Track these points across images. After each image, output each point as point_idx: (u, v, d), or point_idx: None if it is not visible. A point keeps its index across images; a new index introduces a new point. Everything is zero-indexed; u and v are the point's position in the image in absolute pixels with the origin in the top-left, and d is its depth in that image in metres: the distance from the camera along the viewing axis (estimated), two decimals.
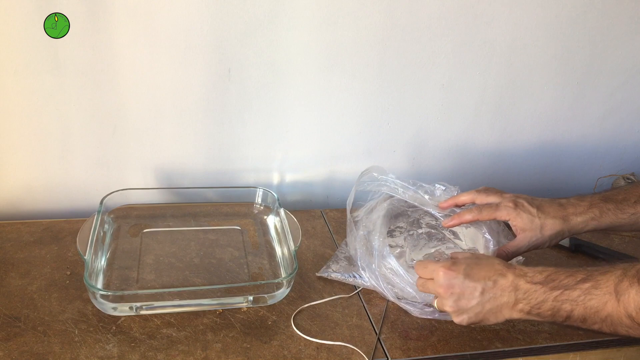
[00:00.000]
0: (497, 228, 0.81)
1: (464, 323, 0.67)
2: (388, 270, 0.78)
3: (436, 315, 0.77)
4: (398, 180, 0.84)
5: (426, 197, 0.83)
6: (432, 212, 0.84)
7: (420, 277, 0.71)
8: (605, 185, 1.18)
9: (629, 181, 1.14)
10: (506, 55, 1.06)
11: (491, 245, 0.78)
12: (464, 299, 0.66)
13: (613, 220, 0.76)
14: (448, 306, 0.67)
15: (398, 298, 0.78)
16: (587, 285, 0.61)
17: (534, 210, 0.75)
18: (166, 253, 0.87)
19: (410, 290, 0.76)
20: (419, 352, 0.73)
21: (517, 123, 1.14)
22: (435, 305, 0.70)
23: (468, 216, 0.78)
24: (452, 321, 0.77)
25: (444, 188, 0.84)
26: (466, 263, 0.67)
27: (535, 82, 1.10)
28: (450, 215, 0.81)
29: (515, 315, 0.65)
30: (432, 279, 0.68)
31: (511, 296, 0.65)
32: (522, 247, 0.76)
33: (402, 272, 0.76)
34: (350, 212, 0.85)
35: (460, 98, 1.08)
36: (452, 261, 0.68)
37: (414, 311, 0.77)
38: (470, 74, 1.06)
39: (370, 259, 0.79)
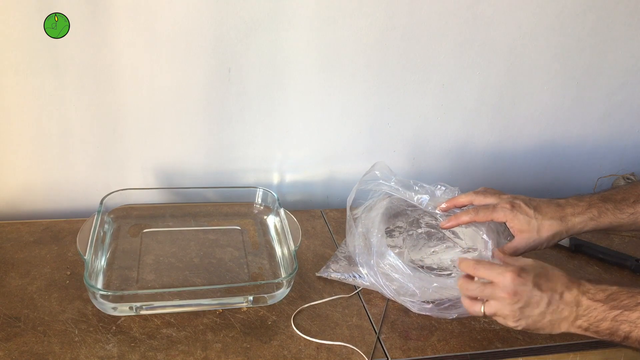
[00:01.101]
0: (496, 228, 0.81)
1: (519, 328, 0.66)
2: (387, 267, 0.78)
3: (435, 313, 0.77)
4: (399, 180, 0.84)
5: (426, 197, 0.83)
6: (432, 212, 0.84)
7: (469, 277, 0.69)
8: (605, 185, 1.18)
9: (629, 181, 1.14)
10: (506, 55, 1.06)
11: (489, 247, 0.78)
12: (529, 308, 0.65)
13: (612, 220, 0.76)
14: (508, 311, 0.65)
15: (397, 294, 0.78)
16: None
17: (531, 212, 0.75)
18: (166, 253, 0.87)
19: (410, 285, 0.76)
20: (419, 352, 0.73)
21: (517, 123, 1.14)
22: (483, 310, 0.67)
23: (465, 217, 0.78)
24: (451, 321, 0.78)
25: (444, 189, 0.84)
26: (535, 272, 0.66)
27: (535, 82, 1.10)
28: (449, 217, 0.81)
29: (573, 330, 0.65)
30: (492, 282, 0.66)
31: (572, 311, 0.64)
32: (520, 249, 0.76)
33: (401, 267, 0.76)
34: (350, 211, 0.85)
35: (460, 98, 1.08)
36: (521, 268, 0.66)
37: (413, 307, 0.77)
38: (470, 74, 1.06)
39: (369, 256, 0.79)
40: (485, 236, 0.79)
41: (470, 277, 0.69)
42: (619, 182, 1.15)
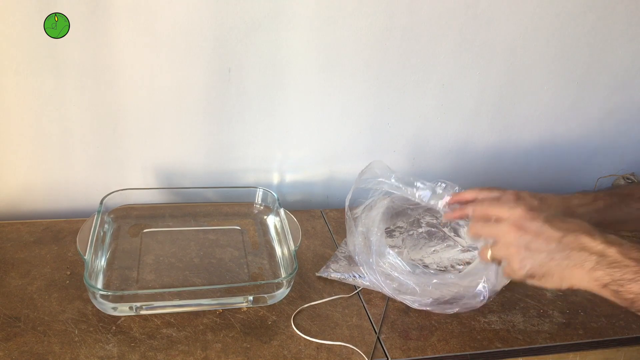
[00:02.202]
0: None
1: (522, 272, 0.61)
2: (387, 265, 0.78)
3: (436, 308, 0.77)
4: (399, 177, 0.84)
5: (428, 192, 0.83)
6: (433, 208, 0.83)
7: (479, 218, 0.65)
8: (605, 185, 1.18)
9: (629, 181, 1.14)
10: (506, 55, 1.06)
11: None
12: (535, 243, 0.59)
13: (618, 214, 0.73)
14: (514, 248, 0.61)
15: (397, 292, 0.78)
16: None
17: (535, 202, 0.70)
18: (166, 253, 0.87)
19: (410, 282, 0.76)
20: (419, 352, 0.73)
21: (517, 123, 1.14)
22: (489, 255, 0.64)
23: (469, 209, 0.76)
24: (452, 321, 0.78)
25: (444, 185, 0.84)
26: (549, 212, 0.61)
27: (535, 82, 1.10)
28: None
29: (586, 283, 0.57)
30: (502, 218, 0.62)
31: (591, 260, 0.57)
32: None
33: (401, 264, 0.76)
34: (351, 210, 0.85)
35: (460, 98, 1.08)
36: (534, 206, 0.62)
37: (413, 304, 0.77)
38: (470, 74, 1.06)
39: (369, 255, 0.79)
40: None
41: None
42: (619, 182, 1.15)
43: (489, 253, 0.64)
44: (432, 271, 0.81)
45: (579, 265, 0.58)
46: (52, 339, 0.70)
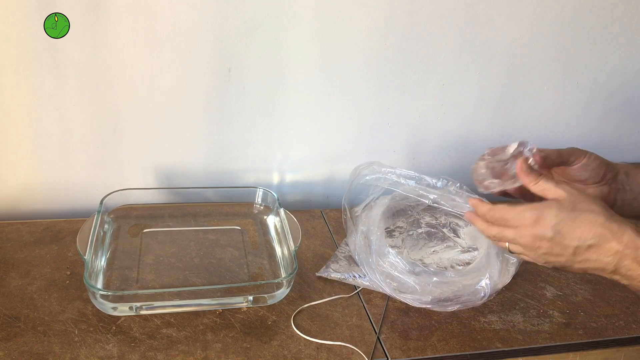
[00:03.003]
0: None
1: (548, 266, 0.63)
2: (387, 264, 0.78)
3: (436, 307, 0.77)
4: (400, 171, 0.84)
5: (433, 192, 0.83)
6: (435, 205, 0.83)
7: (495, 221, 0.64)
8: None
9: None
10: (506, 55, 1.06)
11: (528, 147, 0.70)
12: (552, 256, 0.60)
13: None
14: (532, 256, 0.62)
15: (397, 291, 0.78)
16: None
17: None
18: (166, 253, 0.87)
19: (410, 281, 0.76)
20: (419, 352, 0.73)
21: (517, 123, 1.14)
22: (508, 246, 0.63)
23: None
24: (451, 321, 0.78)
25: (446, 182, 0.84)
26: (557, 219, 0.59)
27: (535, 82, 1.10)
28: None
29: (611, 277, 0.59)
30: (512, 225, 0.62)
31: (609, 264, 0.58)
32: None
33: (401, 263, 0.76)
34: (351, 209, 0.85)
35: (460, 98, 1.08)
36: (540, 216, 0.59)
37: (414, 303, 0.77)
38: (470, 73, 1.06)
39: (369, 254, 0.79)
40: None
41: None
42: None
43: (507, 245, 0.63)
44: (432, 269, 0.81)
45: (598, 269, 0.59)
46: (52, 339, 0.70)
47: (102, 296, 0.72)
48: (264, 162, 1.05)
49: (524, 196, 0.69)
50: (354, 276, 0.83)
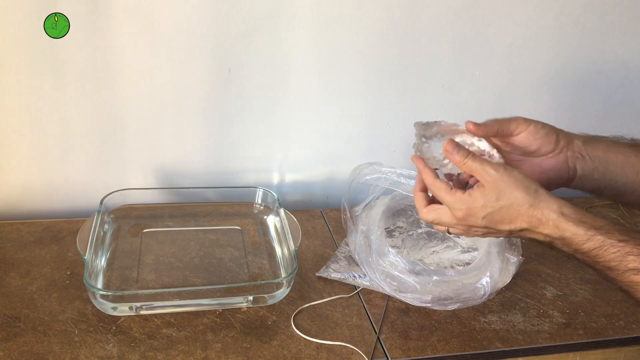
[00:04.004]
0: None
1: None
2: (387, 264, 0.78)
3: (436, 305, 0.77)
4: (401, 171, 0.85)
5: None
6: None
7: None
8: None
9: None
10: (506, 55, 1.06)
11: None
12: (491, 235, 0.64)
13: (622, 160, 0.70)
14: (468, 234, 0.65)
15: (398, 290, 0.78)
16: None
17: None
18: (166, 253, 0.87)
19: (410, 280, 0.76)
20: (419, 352, 0.73)
21: None
22: (448, 230, 0.66)
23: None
24: (452, 321, 0.78)
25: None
26: (485, 212, 0.61)
27: (535, 82, 1.10)
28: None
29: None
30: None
31: (545, 242, 0.61)
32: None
33: (401, 262, 0.76)
34: (351, 209, 0.85)
35: (460, 98, 1.08)
36: (467, 209, 0.61)
37: (414, 302, 0.77)
38: (470, 74, 1.06)
39: (369, 254, 0.79)
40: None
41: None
42: None
43: (446, 229, 0.66)
44: (432, 267, 0.81)
45: (537, 240, 0.62)
46: (52, 339, 0.70)
47: (102, 296, 0.72)
48: (264, 162, 1.05)
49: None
50: (354, 276, 0.83)
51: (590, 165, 0.68)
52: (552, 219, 0.59)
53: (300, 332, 0.74)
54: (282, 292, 0.77)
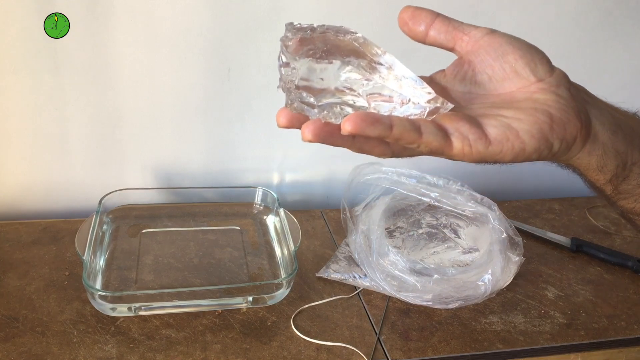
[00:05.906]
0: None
1: None
2: (387, 263, 0.77)
3: (437, 304, 0.77)
4: (402, 170, 0.84)
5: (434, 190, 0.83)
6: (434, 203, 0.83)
7: None
8: None
9: None
10: None
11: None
12: None
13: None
14: None
15: (398, 290, 0.78)
16: None
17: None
18: (165, 253, 0.87)
19: (410, 279, 0.76)
20: (420, 353, 0.73)
21: None
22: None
23: None
24: (452, 322, 0.78)
25: (447, 180, 0.84)
26: None
27: None
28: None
29: None
30: None
31: None
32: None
33: (401, 261, 0.76)
34: (351, 208, 0.85)
35: None
36: None
37: (415, 301, 0.77)
38: None
39: (369, 253, 0.79)
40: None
41: None
42: None
43: None
44: (432, 266, 0.81)
45: None
46: (50, 339, 0.69)
47: (101, 297, 0.72)
48: (263, 162, 1.05)
49: None
50: (354, 277, 0.83)
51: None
52: None
53: (300, 333, 0.74)
54: (281, 293, 0.77)
